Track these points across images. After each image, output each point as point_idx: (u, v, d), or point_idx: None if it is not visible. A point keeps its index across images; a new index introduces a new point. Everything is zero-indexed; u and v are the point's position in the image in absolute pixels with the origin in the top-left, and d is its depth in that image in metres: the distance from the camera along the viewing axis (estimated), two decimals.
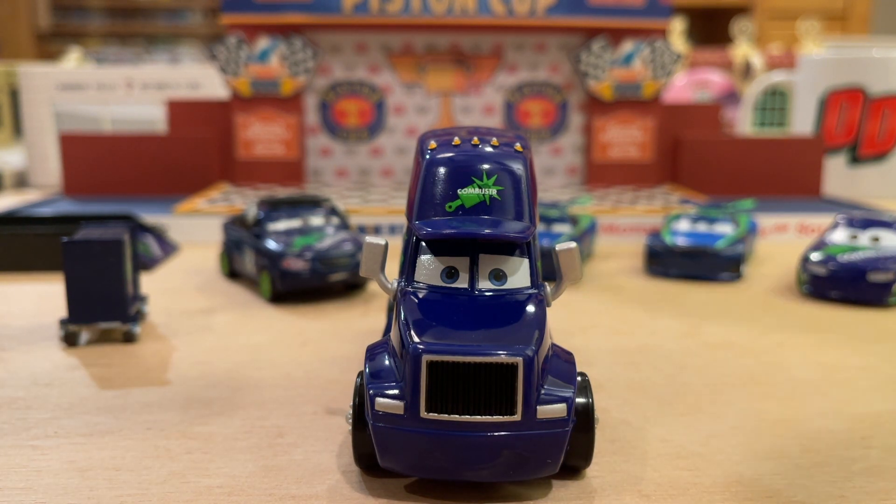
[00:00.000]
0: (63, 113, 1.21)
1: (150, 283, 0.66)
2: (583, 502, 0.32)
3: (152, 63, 3.62)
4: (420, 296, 0.34)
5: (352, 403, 0.34)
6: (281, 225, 0.64)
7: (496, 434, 0.31)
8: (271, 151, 1.05)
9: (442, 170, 0.35)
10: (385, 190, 1.02)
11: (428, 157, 0.36)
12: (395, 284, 0.36)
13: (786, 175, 1.04)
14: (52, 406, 0.42)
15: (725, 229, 0.72)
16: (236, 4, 1.01)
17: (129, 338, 0.52)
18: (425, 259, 0.35)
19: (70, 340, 0.51)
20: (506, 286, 0.35)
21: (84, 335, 0.53)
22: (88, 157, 1.02)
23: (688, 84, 1.63)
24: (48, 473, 0.35)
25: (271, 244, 0.62)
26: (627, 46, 1.03)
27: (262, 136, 1.05)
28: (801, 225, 0.87)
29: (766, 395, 0.44)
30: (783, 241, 0.86)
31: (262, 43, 1.02)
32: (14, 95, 1.48)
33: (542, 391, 0.31)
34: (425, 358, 0.31)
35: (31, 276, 0.70)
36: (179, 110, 1.07)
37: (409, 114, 1.08)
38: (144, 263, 0.72)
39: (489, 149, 0.36)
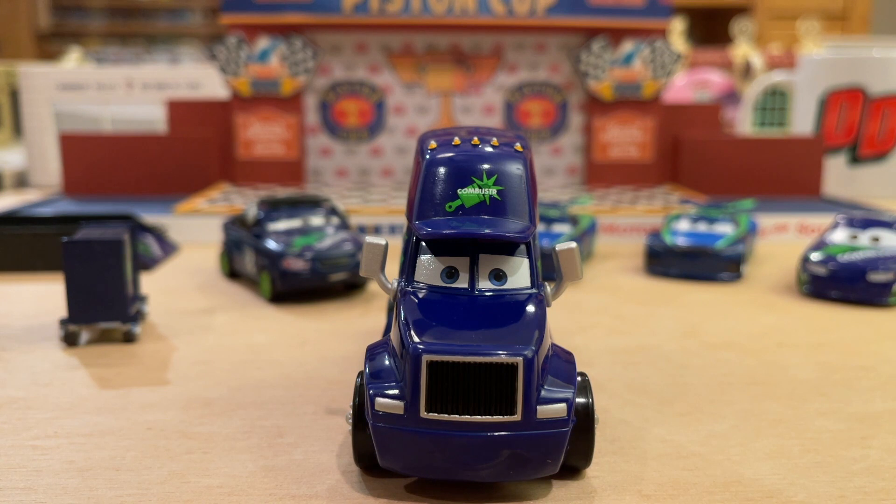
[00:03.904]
0: (63, 113, 1.21)
1: (150, 283, 0.66)
2: (583, 502, 0.32)
3: (152, 63, 3.62)
4: (420, 296, 0.34)
5: (352, 403, 0.34)
6: (281, 225, 0.64)
7: (496, 434, 0.31)
8: (271, 151, 1.05)
9: (442, 170, 0.35)
10: (385, 190, 1.02)
11: (428, 157, 0.36)
12: (395, 284, 0.36)
13: (786, 175, 1.04)
14: (52, 406, 0.42)
15: (725, 229, 0.72)
16: (236, 4, 1.01)
17: (129, 338, 0.52)
18: (425, 259, 0.35)
19: (70, 340, 0.51)
20: (506, 286, 0.35)
21: (84, 335, 0.53)
22: (88, 157, 1.02)
23: (688, 84, 1.63)
24: (48, 473, 0.35)
25: (271, 244, 0.62)
26: (627, 46, 1.03)
27: (262, 136, 1.05)
28: (801, 225, 0.87)
29: (766, 395, 0.44)
30: (783, 241, 0.86)
31: (262, 43, 1.02)
32: (14, 95, 1.48)
33: (542, 391, 0.31)
34: (425, 358, 0.31)
35: (31, 276, 0.70)
36: (179, 110, 1.07)
37: (409, 114, 1.08)
38: (144, 263, 0.72)
39: (489, 149, 0.36)
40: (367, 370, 0.33)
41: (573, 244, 0.35)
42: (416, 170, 0.37)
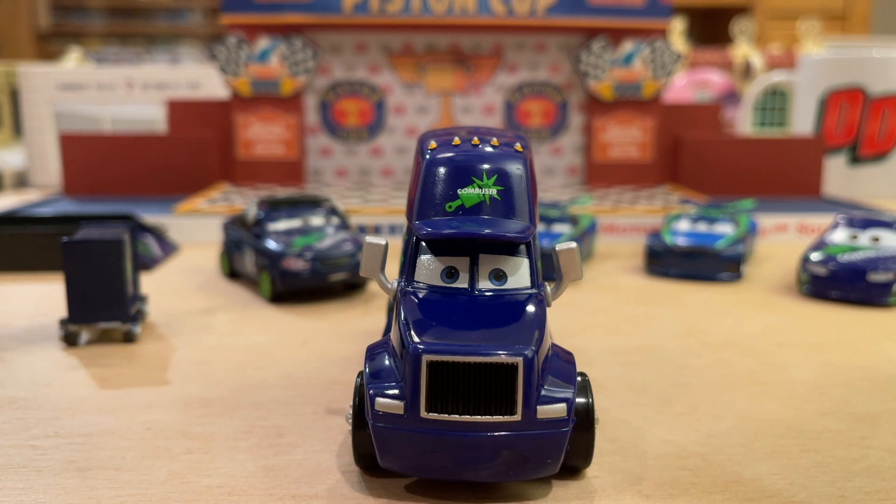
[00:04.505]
0: (63, 113, 1.21)
1: (150, 283, 0.66)
2: (583, 502, 0.32)
3: (152, 63, 3.62)
4: (420, 296, 0.34)
5: (352, 403, 0.34)
6: (281, 225, 0.64)
7: (496, 434, 0.31)
8: (271, 151, 1.05)
9: (442, 170, 0.35)
10: (385, 190, 1.02)
11: (428, 157, 0.36)
12: (395, 284, 0.36)
13: (786, 175, 1.04)
14: (52, 406, 0.42)
15: (725, 229, 0.72)
16: (236, 4, 1.01)
17: (129, 338, 0.52)
18: (425, 259, 0.35)
19: (70, 340, 0.51)
20: (506, 286, 0.35)
21: (84, 335, 0.53)
22: (88, 157, 1.02)
23: (688, 84, 1.63)
24: (48, 473, 0.35)
25: (271, 244, 0.62)
26: (627, 46, 1.03)
27: (262, 136, 1.05)
28: (801, 225, 0.87)
29: (766, 395, 0.44)
30: (783, 241, 0.86)
31: (262, 43, 1.02)
32: (14, 95, 1.48)
33: (542, 391, 0.31)
34: (425, 358, 0.31)
35: (31, 276, 0.70)
36: (179, 110, 1.07)
37: (409, 114, 1.08)
38: (144, 263, 0.72)
39: (489, 149, 0.36)
40: (367, 370, 0.33)
41: (573, 244, 0.35)
42: (416, 170, 0.37)
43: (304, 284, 0.61)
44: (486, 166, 0.35)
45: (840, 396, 0.44)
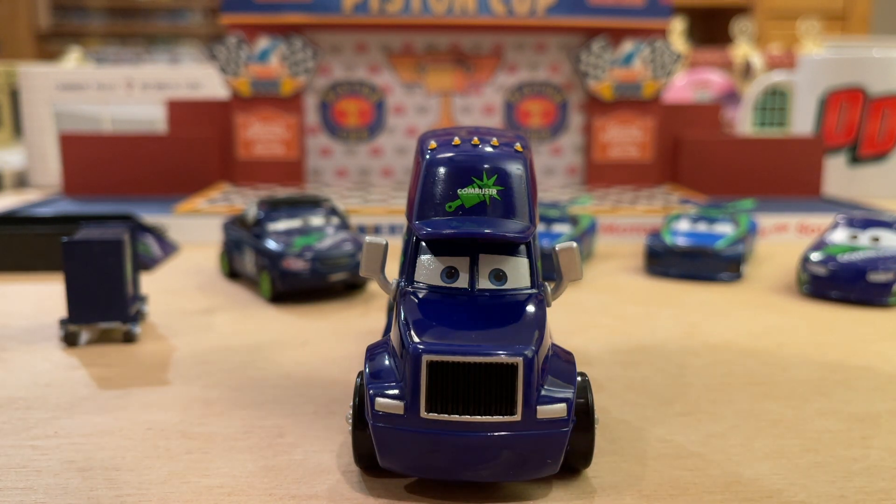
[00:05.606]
0: (63, 113, 1.21)
1: (150, 283, 0.66)
2: (583, 502, 0.32)
3: (152, 63, 3.62)
4: (420, 296, 0.34)
5: (352, 403, 0.34)
6: (281, 225, 0.64)
7: (496, 434, 0.31)
8: (271, 151, 1.05)
9: (442, 170, 0.35)
10: (385, 190, 1.02)
11: (428, 157, 0.36)
12: (395, 284, 0.36)
13: (786, 175, 1.04)
14: (52, 406, 0.42)
15: (725, 229, 0.72)
16: (236, 4, 1.01)
17: (129, 338, 0.52)
18: (425, 259, 0.35)
19: (70, 340, 0.51)
20: (506, 286, 0.35)
21: (84, 335, 0.53)
22: (88, 157, 1.02)
23: (688, 84, 1.63)
24: (48, 473, 0.35)
25: (271, 244, 0.62)
26: (627, 46, 1.03)
27: (262, 136, 1.05)
28: (801, 225, 0.87)
29: (766, 395, 0.44)
30: (783, 241, 0.86)
31: (262, 43, 1.02)
32: (14, 95, 1.48)
33: (542, 391, 0.31)
34: (425, 358, 0.31)
35: (31, 276, 0.70)
36: (179, 110, 1.07)
37: (409, 114, 1.08)
38: (144, 263, 0.72)
39: (489, 149, 0.36)
40: (367, 370, 0.33)
41: (573, 244, 0.35)
42: (416, 170, 0.37)
43: (304, 284, 0.61)
44: (486, 166, 0.35)
45: (840, 396, 0.44)
